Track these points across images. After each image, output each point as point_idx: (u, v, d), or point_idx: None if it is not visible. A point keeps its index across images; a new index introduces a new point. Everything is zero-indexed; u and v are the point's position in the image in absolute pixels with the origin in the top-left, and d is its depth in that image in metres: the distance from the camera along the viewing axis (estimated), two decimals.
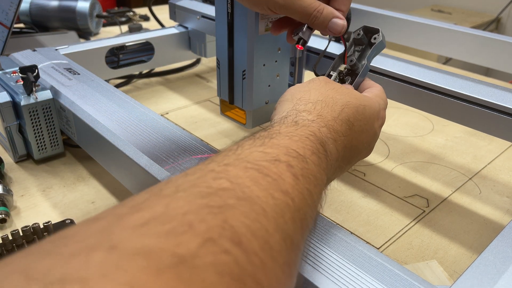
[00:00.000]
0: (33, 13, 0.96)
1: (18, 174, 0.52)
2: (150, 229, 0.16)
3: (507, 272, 0.26)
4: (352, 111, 0.32)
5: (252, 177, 0.21)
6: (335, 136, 0.30)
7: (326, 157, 0.28)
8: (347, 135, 0.31)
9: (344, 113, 0.32)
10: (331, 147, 0.29)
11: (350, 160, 0.33)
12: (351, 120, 0.32)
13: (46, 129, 0.52)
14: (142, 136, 0.41)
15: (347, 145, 0.31)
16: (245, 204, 0.19)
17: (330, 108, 0.31)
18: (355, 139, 0.32)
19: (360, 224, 0.45)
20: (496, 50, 0.64)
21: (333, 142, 0.30)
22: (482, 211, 0.48)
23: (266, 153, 0.24)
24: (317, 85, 0.34)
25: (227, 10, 0.46)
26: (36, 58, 0.59)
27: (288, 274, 0.19)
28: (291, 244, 0.20)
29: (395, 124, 0.67)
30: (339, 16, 0.37)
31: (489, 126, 0.44)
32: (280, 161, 0.23)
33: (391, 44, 0.85)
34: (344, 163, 0.32)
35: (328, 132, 0.30)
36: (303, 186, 0.23)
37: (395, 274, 0.26)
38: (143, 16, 1.17)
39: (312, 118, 0.30)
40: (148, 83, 0.80)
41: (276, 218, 0.20)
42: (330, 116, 0.31)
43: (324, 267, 0.26)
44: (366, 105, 0.34)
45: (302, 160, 0.25)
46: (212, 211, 0.18)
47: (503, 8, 1.46)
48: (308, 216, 0.23)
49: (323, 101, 0.32)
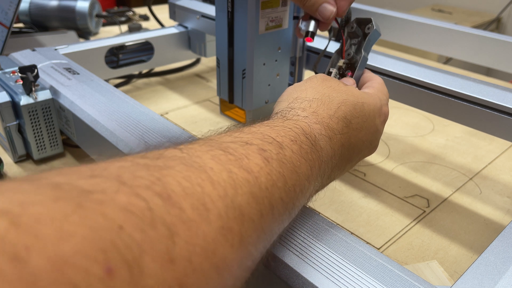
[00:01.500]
0: (33, 12, 0.96)
1: (17, 174, 0.52)
2: (75, 172, 0.17)
3: (507, 272, 0.26)
4: (349, 108, 0.32)
5: (212, 154, 0.21)
6: (330, 134, 0.30)
7: (314, 151, 0.27)
8: (344, 133, 0.31)
9: (340, 111, 0.31)
10: (324, 144, 0.29)
11: (350, 158, 0.33)
12: (348, 118, 0.31)
13: (46, 129, 0.52)
14: (142, 136, 0.41)
15: (344, 144, 0.31)
16: (190, 170, 0.19)
17: (326, 106, 0.31)
18: (354, 137, 0.32)
19: (360, 224, 0.45)
20: (497, 49, 0.64)
21: (327, 140, 0.29)
22: (482, 211, 0.48)
23: (238, 137, 0.24)
24: (314, 83, 0.34)
25: (227, 10, 0.46)
26: (35, 58, 0.59)
27: (231, 242, 0.19)
28: (240, 215, 0.20)
29: (396, 124, 0.67)
30: (329, 1, 0.38)
31: (489, 126, 0.44)
32: (251, 144, 0.23)
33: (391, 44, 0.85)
34: (343, 162, 0.32)
35: (322, 129, 0.29)
36: (275, 169, 0.23)
37: (395, 274, 0.26)
38: (142, 16, 1.16)
39: (305, 114, 0.30)
40: (147, 83, 0.79)
41: (226, 188, 0.20)
42: (325, 114, 0.30)
43: (324, 267, 0.26)
44: (364, 102, 0.33)
45: (277, 146, 0.25)
46: (149, 169, 0.18)
47: (503, 8, 1.46)
48: (278, 199, 0.23)
49: (319, 99, 0.31)
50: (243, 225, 0.20)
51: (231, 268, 0.19)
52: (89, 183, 0.16)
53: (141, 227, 0.16)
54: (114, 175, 0.17)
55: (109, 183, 0.17)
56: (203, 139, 0.24)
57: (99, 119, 0.44)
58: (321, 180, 0.29)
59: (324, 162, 0.28)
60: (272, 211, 0.22)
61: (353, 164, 0.35)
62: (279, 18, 0.48)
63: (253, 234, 0.21)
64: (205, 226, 0.18)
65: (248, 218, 0.20)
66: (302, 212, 0.31)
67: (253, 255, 0.21)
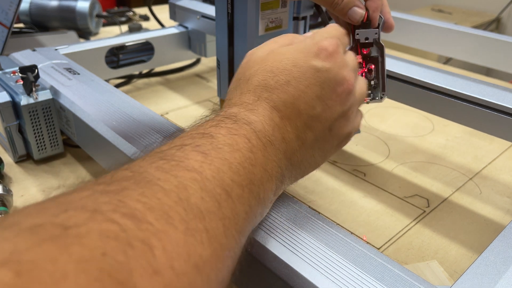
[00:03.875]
0: (33, 13, 0.96)
1: (17, 174, 0.52)
2: (44, 211, 0.18)
3: (507, 272, 0.26)
4: (262, 74, 0.30)
5: (156, 166, 0.23)
6: (248, 107, 0.29)
7: (241, 125, 0.27)
8: (265, 97, 0.29)
9: (253, 83, 0.30)
10: (248, 115, 0.28)
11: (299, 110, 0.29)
12: (263, 83, 0.29)
13: (46, 129, 0.52)
14: (142, 136, 0.41)
15: (276, 103, 0.29)
16: (144, 186, 0.21)
17: (239, 88, 0.31)
18: (284, 92, 0.29)
19: (360, 224, 0.45)
20: (497, 50, 0.64)
21: (248, 112, 0.28)
22: (482, 211, 0.48)
23: (173, 143, 0.25)
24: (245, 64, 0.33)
25: (227, 10, 0.46)
26: (35, 58, 0.59)
27: (200, 239, 0.20)
28: (199, 213, 0.21)
29: (395, 124, 0.67)
30: (359, 5, 0.38)
31: (489, 126, 0.44)
32: (186, 145, 0.25)
33: (391, 44, 0.85)
34: (293, 115, 0.29)
35: (240, 107, 0.29)
36: (215, 158, 0.24)
37: (395, 274, 0.26)
38: (143, 16, 1.16)
39: (224, 105, 0.31)
40: (148, 83, 0.80)
41: (178, 193, 0.21)
42: (238, 93, 0.30)
43: (324, 267, 0.26)
44: (282, 59, 0.30)
45: (208, 137, 0.26)
46: (108, 195, 0.19)
47: (503, 8, 1.46)
48: (229, 182, 0.24)
49: (235, 87, 0.32)
50: (205, 220, 0.21)
51: (209, 264, 0.20)
52: (63, 218, 0.17)
53: (122, 249, 0.17)
54: (79, 205, 0.18)
55: (80, 215, 0.18)
56: (145, 155, 0.25)
57: (99, 119, 0.44)
58: (273, 146, 0.28)
59: (259, 130, 0.27)
60: (228, 195, 0.23)
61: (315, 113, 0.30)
62: (279, 19, 0.48)
63: (218, 225, 0.22)
64: (173, 233, 0.19)
65: (207, 212, 0.21)
66: (302, 212, 0.31)
67: (226, 244, 0.22)
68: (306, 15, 0.51)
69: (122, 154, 0.40)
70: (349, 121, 0.32)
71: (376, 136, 0.63)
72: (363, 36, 0.40)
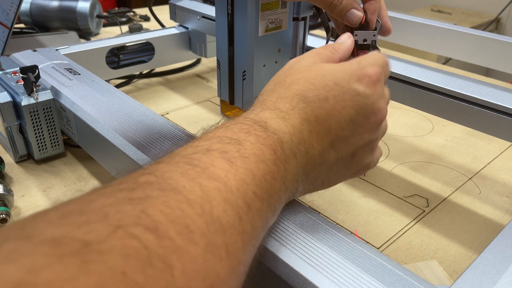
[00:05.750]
0: (34, 13, 0.96)
1: (18, 174, 0.52)
2: (65, 220, 0.17)
3: (507, 272, 0.26)
4: (303, 84, 0.30)
5: (181, 171, 0.22)
6: (280, 114, 0.29)
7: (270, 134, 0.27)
8: (301, 107, 0.29)
9: (290, 91, 0.30)
10: (278, 124, 0.28)
11: (329, 129, 0.29)
12: (302, 93, 0.29)
13: (47, 129, 0.52)
14: (142, 136, 0.41)
15: (309, 117, 0.29)
16: (168, 194, 0.20)
17: (276, 92, 0.30)
18: (319, 108, 0.29)
19: (360, 224, 0.46)
20: (496, 50, 0.64)
21: (280, 120, 0.28)
22: (482, 211, 0.48)
23: (199, 146, 0.25)
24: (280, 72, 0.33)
25: (227, 11, 0.46)
26: (36, 59, 0.60)
27: (219, 256, 0.20)
28: (220, 227, 0.20)
29: (395, 124, 0.67)
30: (358, 7, 0.38)
31: (488, 126, 0.44)
32: (212, 150, 0.24)
33: (391, 44, 0.85)
34: (320, 135, 0.29)
35: (272, 113, 0.29)
36: (240, 167, 0.24)
37: (395, 273, 0.26)
38: (143, 17, 1.17)
39: (253, 108, 0.30)
40: (148, 83, 0.80)
41: (202, 205, 0.20)
42: (273, 99, 0.30)
43: (324, 266, 0.26)
44: (326, 74, 0.30)
45: (236, 143, 0.25)
46: (131, 203, 0.19)
47: (503, 8, 1.46)
48: (251, 195, 0.23)
49: (271, 89, 0.31)
50: (225, 235, 0.21)
51: (224, 281, 0.20)
52: (84, 231, 0.17)
53: (141, 268, 0.16)
54: (101, 215, 0.18)
55: (102, 228, 0.17)
56: (168, 156, 0.24)
57: (100, 119, 0.44)
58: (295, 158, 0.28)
59: (285, 141, 0.27)
60: (249, 209, 0.23)
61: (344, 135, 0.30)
62: (279, 20, 0.48)
63: (237, 240, 0.21)
64: (193, 249, 0.19)
65: (228, 226, 0.21)
66: (302, 212, 0.31)
67: (242, 259, 0.22)
68: (306, 15, 0.51)
69: (123, 154, 0.40)
70: (372, 152, 0.33)
71: None
72: (361, 37, 0.40)
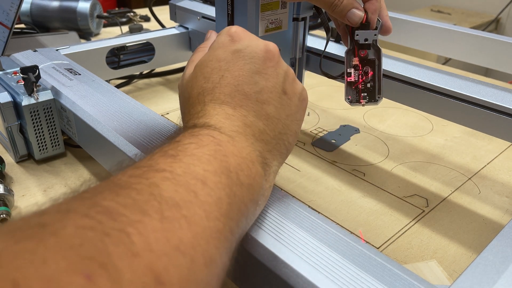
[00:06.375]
0: (34, 13, 0.96)
1: (19, 174, 0.52)
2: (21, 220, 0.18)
3: (506, 271, 0.26)
4: (197, 84, 0.31)
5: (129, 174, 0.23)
6: (197, 116, 0.30)
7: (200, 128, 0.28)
8: (210, 99, 0.30)
9: (192, 97, 0.31)
10: (200, 121, 0.29)
11: (248, 96, 0.30)
12: (201, 92, 0.30)
13: (47, 129, 0.52)
14: (143, 136, 0.41)
15: (223, 100, 0.29)
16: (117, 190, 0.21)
17: (186, 108, 0.32)
18: (225, 86, 0.30)
19: (360, 223, 0.46)
20: (496, 50, 0.65)
21: (200, 118, 0.29)
22: (481, 211, 0.48)
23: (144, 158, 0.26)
24: None
25: (227, 11, 0.46)
26: (37, 59, 0.60)
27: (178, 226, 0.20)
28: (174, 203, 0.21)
29: (395, 124, 0.67)
30: (358, 7, 0.38)
31: (488, 126, 0.44)
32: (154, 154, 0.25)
33: (390, 45, 0.85)
34: (245, 105, 0.30)
35: (190, 121, 0.30)
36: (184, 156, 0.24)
37: (394, 273, 0.26)
38: (143, 17, 1.17)
39: None
40: (148, 83, 0.80)
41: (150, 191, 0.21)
42: (187, 112, 0.31)
43: (324, 266, 0.27)
44: (208, 61, 0.31)
45: (174, 142, 0.26)
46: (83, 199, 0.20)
47: (502, 9, 1.46)
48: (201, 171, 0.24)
49: (183, 112, 0.33)
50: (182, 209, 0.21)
51: (192, 245, 0.20)
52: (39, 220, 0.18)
53: (99, 238, 0.17)
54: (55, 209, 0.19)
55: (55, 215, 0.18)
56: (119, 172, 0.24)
57: (100, 119, 0.44)
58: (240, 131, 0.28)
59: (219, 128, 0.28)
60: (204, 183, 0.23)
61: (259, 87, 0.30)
62: (279, 20, 0.48)
63: (198, 211, 0.22)
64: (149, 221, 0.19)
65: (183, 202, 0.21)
66: (302, 212, 0.31)
67: (211, 227, 0.22)
68: (305, 16, 0.51)
69: (123, 154, 0.40)
70: (295, 79, 0.33)
71: (376, 136, 0.63)
72: (362, 37, 0.40)
